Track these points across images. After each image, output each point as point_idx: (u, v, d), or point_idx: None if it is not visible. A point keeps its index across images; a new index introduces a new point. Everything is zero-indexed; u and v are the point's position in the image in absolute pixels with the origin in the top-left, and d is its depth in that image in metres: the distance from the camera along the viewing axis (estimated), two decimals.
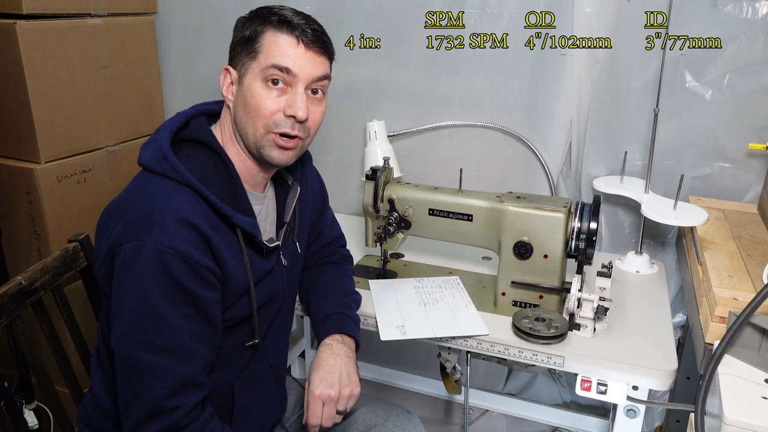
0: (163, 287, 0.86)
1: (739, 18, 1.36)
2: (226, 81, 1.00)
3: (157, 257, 0.85)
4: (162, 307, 0.86)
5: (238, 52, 0.98)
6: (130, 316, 0.87)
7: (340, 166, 1.85)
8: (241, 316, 1.00)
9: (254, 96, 0.95)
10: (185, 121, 1.01)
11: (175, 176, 0.91)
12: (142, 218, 0.87)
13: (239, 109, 0.98)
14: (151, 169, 0.93)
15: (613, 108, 1.52)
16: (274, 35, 0.95)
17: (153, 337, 0.86)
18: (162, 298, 0.86)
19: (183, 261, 0.86)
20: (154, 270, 0.85)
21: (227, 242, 0.94)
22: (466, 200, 1.26)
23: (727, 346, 0.89)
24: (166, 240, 0.86)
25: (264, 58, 0.95)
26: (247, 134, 0.97)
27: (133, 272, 0.86)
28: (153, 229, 0.86)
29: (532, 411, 1.85)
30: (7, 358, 1.68)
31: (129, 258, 0.86)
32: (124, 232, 0.87)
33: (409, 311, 1.25)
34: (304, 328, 2.06)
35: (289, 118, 0.96)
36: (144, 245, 0.85)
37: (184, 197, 0.90)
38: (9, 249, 1.61)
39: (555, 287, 1.20)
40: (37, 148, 1.51)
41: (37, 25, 1.46)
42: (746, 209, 1.41)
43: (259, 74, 0.95)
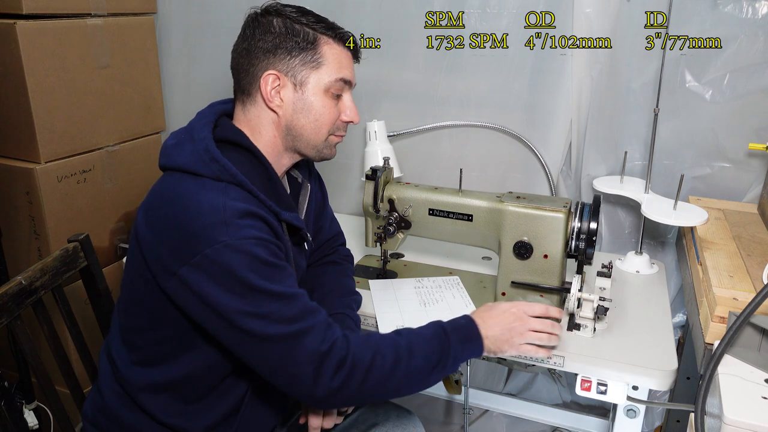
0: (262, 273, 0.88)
1: (739, 18, 1.36)
2: (271, 85, 1.00)
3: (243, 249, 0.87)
4: (272, 288, 0.88)
5: (291, 57, 0.99)
6: (250, 310, 0.87)
7: (340, 166, 1.85)
8: None
9: (323, 106, 1.02)
10: (214, 122, 1.01)
11: (226, 177, 0.92)
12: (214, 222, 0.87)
13: (299, 116, 1.01)
14: (193, 172, 0.92)
15: (613, 108, 1.52)
16: (335, 49, 1.02)
17: (281, 314, 0.88)
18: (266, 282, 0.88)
19: (263, 245, 0.89)
20: (247, 261, 0.87)
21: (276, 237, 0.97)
22: (466, 200, 1.26)
23: (727, 346, 0.89)
24: (241, 234, 0.87)
25: (329, 72, 1.01)
26: (309, 139, 1.04)
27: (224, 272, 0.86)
28: (230, 229, 0.87)
29: (532, 411, 1.85)
30: (7, 358, 1.68)
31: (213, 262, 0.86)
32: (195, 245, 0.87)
33: (409, 311, 1.25)
34: None
35: (346, 122, 1.07)
36: (227, 246, 0.86)
37: (240, 196, 0.92)
38: (9, 249, 1.61)
39: (555, 287, 1.20)
40: (37, 148, 1.51)
41: (37, 25, 1.46)
42: (746, 209, 1.41)
43: (323, 85, 1.01)
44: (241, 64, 1.02)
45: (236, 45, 1.04)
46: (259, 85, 1.00)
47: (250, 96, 1.02)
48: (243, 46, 1.02)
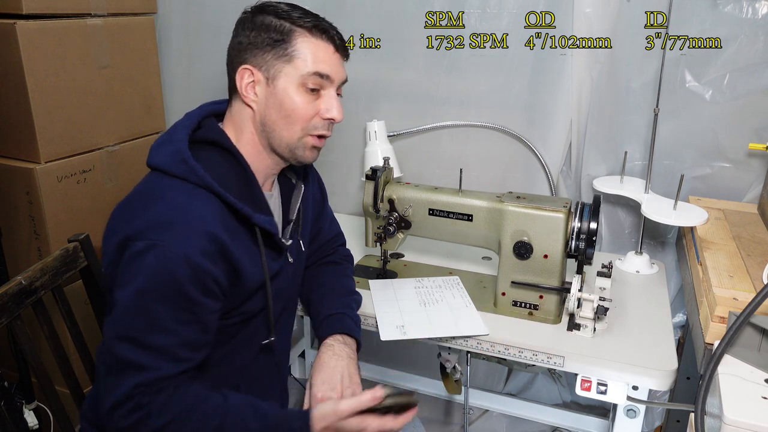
0: (164, 289, 0.86)
1: (739, 18, 1.36)
2: (245, 81, 0.99)
3: (165, 260, 0.85)
4: (157, 308, 0.87)
5: (264, 52, 0.97)
6: (124, 309, 0.87)
7: (340, 166, 1.85)
8: (253, 310, 1.01)
9: (293, 101, 0.98)
10: (198, 123, 1.01)
11: (194, 179, 0.91)
12: (160, 220, 0.87)
13: (271, 111, 0.99)
14: (167, 171, 0.93)
15: (613, 108, 1.52)
16: (310, 41, 0.98)
17: (142, 334, 0.87)
18: (160, 299, 0.86)
19: (189, 267, 0.87)
20: (159, 271, 0.86)
21: (244, 243, 0.96)
22: (466, 200, 1.26)
23: (727, 346, 0.89)
24: (177, 244, 0.86)
25: (303, 65, 0.97)
26: (282, 137, 1.00)
27: (138, 268, 0.86)
28: (169, 233, 0.86)
29: (532, 411, 1.85)
30: (7, 358, 1.68)
31: (137, 254, 0.86)
32: (137, 230, 0.87)
33: (409, 311, 1.25)
34: (304, 328, 2.06)
35: (326, 120, 1.02)
36: (156, 246, 0.86)
37: (203, 202, 0.91)
38: (9, 249, 1.61)
39: (555, 287, 1.20)
40: (37, 148, 1.51)
41: (37, 25, 1.46)
42: (746, 209, 1.41)
43: (297, 79, 0.98)
44: (228, 62, 1.03)
45: (230, 43, 1.04)
46: (236, 80, 1.00)
47: (233, 93, 1.02)
48: (231, 44, 1.02)
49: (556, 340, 1.16)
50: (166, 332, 0.87)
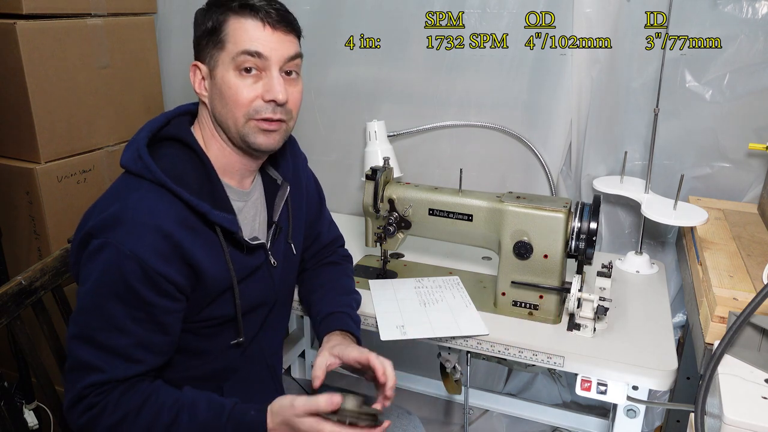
0: (115, 288, 0.87)
1: (739, 18, 1.36)
2: (197, 78, 0.99)
3: (116, 258, 0.86)
4: (110, 306, 0.87)
5: (204, 45, 0.97)
6: (80, 307, 0.89)
7: (340, 166, 1.85)
8: (225, 315, 1.00)
9: (229, 87, 0.94)
10: (167, 121, 1.01)
11: (149, 176, 0.91)
12: (113, 218, 0.88)
13: (216, 103, 0.97)
14: (128, 170, 0.94)
15: (613, 108, 1.52)
16: (237, 21, 0.94)
17: (96, 332, 0.87)
18: (112, 297, 0.87)
19: (139, 266, 0.86)
20: (110, 270, 0.86)
21: (206, 242, 0.94)
22: (466, 200, 1.26)
23: (727, 346, 0.89)
24: (127, 243, 0.86)
25: (232, 47, 0.93)
26: (228, 126, 0.97)
27: (92, 266, 0.87)
28: (119, 230, 0.87)
29: (532, 411, 1.85)
30: (7, 358, 1.68)
31: (93, 253, 0.88)
32: (95, 228, 0.88)
33: (409, 311, 1.25)
34: (304, 328, 2.06)
35: (269, 102, 0.95)
36: (107, 244, 0.86)
37: (157, 199, 0.90)
38: (9, 249, 1.61)
39: (555, 287, 1.20)
40: (37, 148, 1.51)
41: (37, 25, 1.46)
42: (746, 209, 1.41)
43: (230, 64, 0.94)
44: None
45: None
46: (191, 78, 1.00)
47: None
48: None
49: (556, 340, 1.16)
50: (120, 332, 0.88)
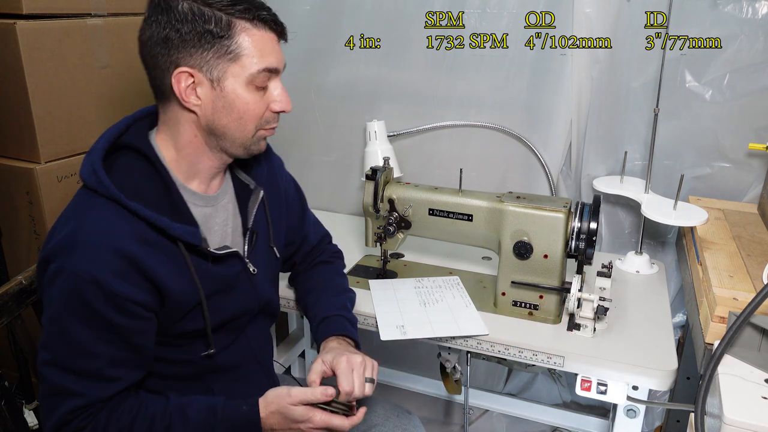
0: (78, 312, 0.84)
1: (739, 18, 1.36)
2: (186, 84, 0.89)
3: (74, 283, 0.82)
4: (76, 331, 0.84)
5: (203, 51, 0.87)
6: (47, 334, 0.86)
7: (340, 166, 1.85)
8: (198, 329, 0.97)
9: (245, 101, 0.91)
10: (126, 127, 0.96)
11: (103, 191, 0.86)
12: (68, 241, 0.84)
13: (221, 115, 0.92)
14: (85, 184, 0.89)
15: (613, 108, 1.52)
16: (254, 34, 0.89)
17: (67, 358, 0.85)
18: (76, 322, 0.84)
19: (99, 289, 0.83)
20: (70, 295, 0.83)
21: (169, 257, 0.90)
22: (466, 200, 1.26)
23: (727, 346, 0.88)
24: (84, 266, 0.82)
25: (251, 62, 0.89)
26: (234, 137, 0.94)
27: (52, 292, 0.84)
28: (75, 254, 0.83)
29: (532, 411, 1.85)
30: (7, 358, 1.68)
31: (51, 278, 0.84)
32: (52, 251, 0.85)
33: (409, 311, 1.25)
34: (304, 328, 2.06)
35: (277, 113, 0.97)
36: (63, 269, 0.83)
37: (113, 217, 0.86)
38: (9, 249, 1.61)
39: (555, 287, 1.20)
40: (37, 148, 1.51)
41: (37, 25, 1.46)
42: (746, 209, 1.41)
43: (245, 79, 0.90)
44: (149, 56, 0.90)
45: (141, 31, 0.91)
46: (171, 84, 0.89)
47: (164, 95, 0.93)
48: (147, 34, 0.89)
49: (556, 340, 1.16)
50: (90, 355, 0.86)
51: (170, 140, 0.95)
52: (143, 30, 0.91)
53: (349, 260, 1.49)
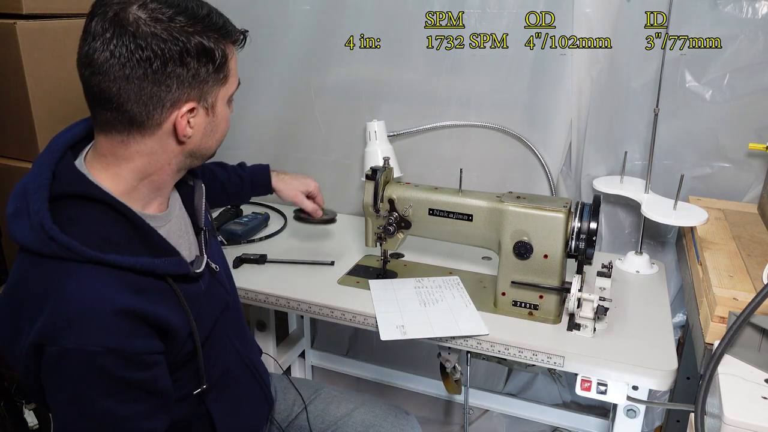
0: (99, 387, 0.78)
1: (739, 18, 1.36)
2: (186, 119, 0.85)
3: (87, 360, 0.76)
4: (102, 407, 0.79)
5: (206, 83, 0.85)
6: (69, 421, 0.80)
7: (340, 166, 1.85)
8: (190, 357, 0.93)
9: (226, 120, 0.93)
10: (51, 174, 0.83)
11: (72, 257, 0.77)
12: (57, 319, 0.75)
13: (209, 138, 0.90)
14: (37, 252, 0.78)
15: (613, 108, 1.52)
16: (234, 54, 0.91)
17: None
18: (100, 397, 0.78)
19: (117, 356, 0.77)
20: (85, 373, 0.76)
21: (161, 295, 0.85)
22: (466, 200, 1.26)
23: (727, 346, 0.89)
24: (91, 339, 0.75)
25: (233, 81, 0.91)
26: (208, 155, 0.94)
27: (61, 376, 0.77)
28: (73, 331, 0.75)
29: (532, 411, 1.85)
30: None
31: (54, 363, 0.77)
32: (43, 333, 0.76)
33: (409, 311, 1.25)
34: (304, 328, 2.06)
35: None
36: (69, 350, 0.75)
37: (94, 280, 0.77)
38: (9, 249, 1.61)
39: (555, 287, 1.20)
40: (37, 148, 1.51)
41: (37, 25, 1.46)
42: (746, 209, 1.41)
43: (227, 98, 0.91)
44: (132, 92, 0.80)
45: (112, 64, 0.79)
46: (172, 120, 0.84)
47: (144, 129, 0.84)
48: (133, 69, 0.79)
49: (556, 340, 1.16)
50: (123, 419, 0.81)
51: (127, 173, 0.86)
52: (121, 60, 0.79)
53: (349, 260, 1.49)
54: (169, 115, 0.84)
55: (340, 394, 1.32)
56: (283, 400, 1.29)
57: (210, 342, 0.98)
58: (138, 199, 0.89)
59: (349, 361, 2.09)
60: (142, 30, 0.78)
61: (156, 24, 0.79)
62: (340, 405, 1.28)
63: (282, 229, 1.71)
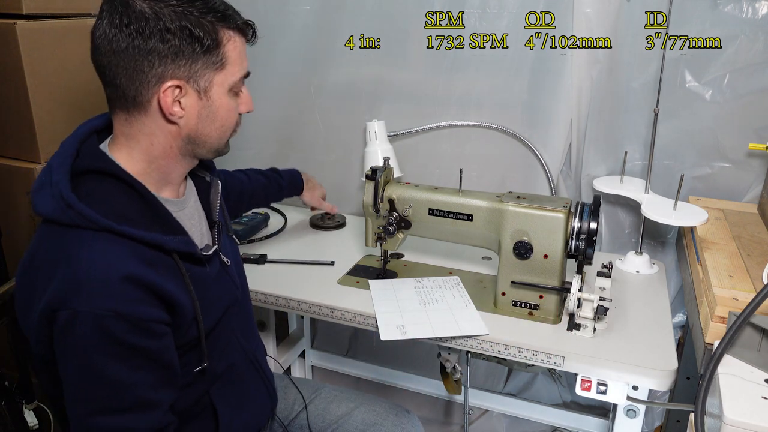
0: (108, 351, 0.80)
1: (739, 18, 1.36)
2: (172, 97, 0.87)
3: (95, 323, 0.78)
4: (110, 371, 0.81)
5: (193, 61, 0.86)
6: (80, 386, 0.82)
7: (340, 166, 1.85)
8: (193, 339, 0.94)
9: (228, 109, 0.93)
10: (75, 152, 0.89)
11: (87, 225, 0.81)
12: (69, 283, 0.79)
13: (205, 125, 0.91)
14: (56, 221, 0.83)
15: (613, 108, 1.52)
16: (236, 42, 0.90)
17: (107, 402, 0.83)
18: (108, 362, 0.81)
19: (124, 321, 0.80)
20: (94, 337, 0.79)
21: (168, 272, 0.87)
22: (466, 200, 1.26)
23: (727, 346, 0.89)
24: (100, 303, 0.78)
25: (234, 69, 0.91)
26: (212, 145, 0.95)
27: (73, 341, 0.80)
28: (83, 295, 0.78)
29: (532, 411, 1.85)
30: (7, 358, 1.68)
31: (65, 327, 0.79)
32: (54, 298, 0.79)
33: (409, 311, 1.25)
34: (304, 328, 2.06)
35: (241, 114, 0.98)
36: (78, 314, 0.78)
37: (107, 248, 0.81)
38: (9, 249, 1.61)
39: (555, 287, 1.20)
40: (37, 148, 1.51)
41: (37, 25, 1.46)
42: (746, 209, 1.41)
43: (227, 86, 0.91)
44: (120, 66, 0.85)
45: (103, 38, 0.85)
46: (157, 97, 0.86)
47: (138, 106, 0.88)
48: (119, 42, 0.84)
49: (556, 340, 1.16)
50: (130, 387, 0.83)
51: (137, 153, 0.91)
52: (110, 35, 0.84)
53: (349, 260, 1.49)
54: (156, 91, 0.86)
55: (341, 394, 1.32)
56: (283, 399, 1.29)
57: (216, 333, 0.99)
58: (151, 182, 0.93)
59: (349, 361, 2.09)
60: (133, 8, 0.83)
61: (147, 3, 0.83)
62: (340, 404, 1.28)
63: (282, 229, 1.71)
